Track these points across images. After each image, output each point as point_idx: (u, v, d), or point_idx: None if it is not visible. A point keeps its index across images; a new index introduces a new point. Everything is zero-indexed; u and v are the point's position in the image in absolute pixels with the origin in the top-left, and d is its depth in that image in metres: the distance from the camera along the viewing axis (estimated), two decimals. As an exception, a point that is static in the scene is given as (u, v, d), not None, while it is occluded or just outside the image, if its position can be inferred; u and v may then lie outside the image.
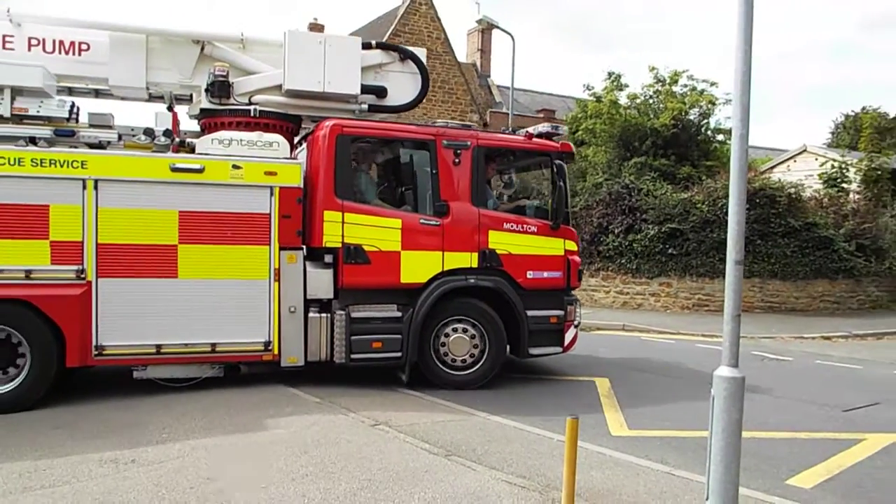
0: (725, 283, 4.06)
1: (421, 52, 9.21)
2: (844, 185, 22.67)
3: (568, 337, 9.19)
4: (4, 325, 7.25)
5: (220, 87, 8.29)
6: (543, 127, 9.31)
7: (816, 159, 24.43)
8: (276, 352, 7.98)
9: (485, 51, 35.54)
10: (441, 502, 4.87)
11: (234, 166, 7.74)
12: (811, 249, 17.95)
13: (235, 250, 7.82)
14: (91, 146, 7.61)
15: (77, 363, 7.43)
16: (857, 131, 34.29)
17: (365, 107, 8.92)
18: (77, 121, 7.92)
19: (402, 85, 9.16)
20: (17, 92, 7.56)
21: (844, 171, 22.97)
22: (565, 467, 4.15)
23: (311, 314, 8.12)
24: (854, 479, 5.86)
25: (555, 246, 8.99)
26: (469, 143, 8.63)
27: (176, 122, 8.41)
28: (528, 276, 8.82)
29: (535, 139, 9.09)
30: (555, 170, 8.91)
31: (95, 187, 7.34)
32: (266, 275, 7.90)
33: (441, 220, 8.48)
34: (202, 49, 8.52)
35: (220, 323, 7.78)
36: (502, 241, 8.71)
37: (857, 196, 21.72)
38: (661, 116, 21.38)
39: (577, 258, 9.26)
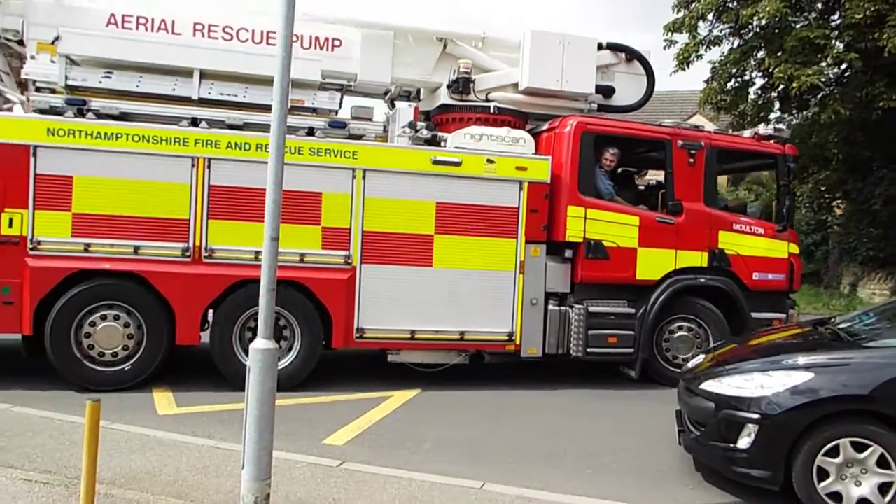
0: (262, 259, 4.13)
1: (647, 54, 9.31)
2: None
3: (788, 340, 9.14)
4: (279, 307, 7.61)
5: (463, 84, 8.57)
6: (764, 129, 9.31)
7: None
8: (517, 342, 8.17)
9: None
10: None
11: (489, 160, 7.97)
12: None
13: (485, 242, 8.04)
14: (352, 137, 7.93)
15: (341, 344, 7.77)
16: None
17: (595, 106, 9.06)
18: (338, 113, 8.26)
19: (627, 85, 9.28)
20: (294, 85, 7.93)
21: None
22: (85, 455, 3.82)
23: (550, 307, 8.29)
24: (379, 431, 6.53)
25: (779, 248, 8.97)
26: (703, 143, 8.69)
27: (417, 116, 8.69)
28: (754, 278, 8.82)
29: (763, 141, 9.10)
30: (784, 172, 8.91)
31: (364, 177, 7.68)
32: (512, 267, 8.11)
33: (675, 219, 8.56)
34: (444, 47, 8.81)
35: (468, 312, 8.02)
36: (731, 242, 8.74)
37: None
38: None
39: (799, 261, 9.23)
